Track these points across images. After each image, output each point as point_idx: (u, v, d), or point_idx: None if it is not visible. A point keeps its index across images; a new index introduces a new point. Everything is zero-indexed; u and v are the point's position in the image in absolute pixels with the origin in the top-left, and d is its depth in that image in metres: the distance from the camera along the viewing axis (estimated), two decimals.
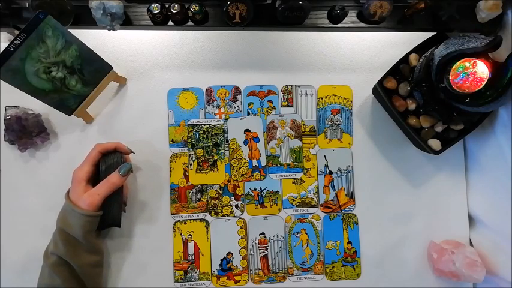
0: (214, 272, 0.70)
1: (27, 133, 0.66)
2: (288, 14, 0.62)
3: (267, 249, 0.71)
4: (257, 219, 0.71)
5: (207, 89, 0.72)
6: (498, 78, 0.55)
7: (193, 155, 0.71)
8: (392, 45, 0.72)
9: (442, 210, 0.73)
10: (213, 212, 0.70)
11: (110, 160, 0.62)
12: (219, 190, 0.71)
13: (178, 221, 0.70)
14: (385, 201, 0.72)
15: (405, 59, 0.66)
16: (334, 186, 0.72)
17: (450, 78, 0.57)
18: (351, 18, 0.66)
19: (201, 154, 0.71)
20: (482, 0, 0.63)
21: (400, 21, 0.67)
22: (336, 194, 0.72)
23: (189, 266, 0.69)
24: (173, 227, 0.70)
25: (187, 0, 0.62)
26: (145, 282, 0.68)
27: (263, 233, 0.71)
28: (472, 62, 0.56)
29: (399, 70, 0.66)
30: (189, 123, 0.71)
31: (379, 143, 0.73)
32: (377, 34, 0.72)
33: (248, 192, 0.71)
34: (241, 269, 0.70)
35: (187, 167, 0.70)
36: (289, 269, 0.71)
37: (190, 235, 0.70)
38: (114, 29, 0.61)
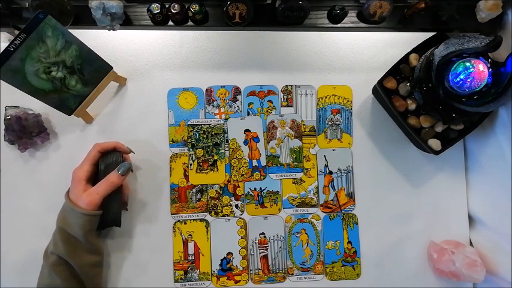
0: (214, 272, 0.70)
1: (27, 133, 0.66)
2: (288, 14, 0.62)
3: (267, 249, 0.71)
4: (257, 219, 0.71)
5: (207, 89, 0.72)
6: (498, 78, 0.55)
7: (193, 155, 0.71)
8: (393, 45, 0.72)
9: (442, 210, 0.73)
10: (213, 212, 0.70)
11: (109, 159, 0.62)
12: (219, 190, 0.71)
13: (178, 221, 0.70)
14: (385, 201, 0.72)
15: (405, 59, 0.66)
16: (334, 186, 0.72)
17: (450, 78, 0.57)
18: (351, 18, 0.66)
19: (201, 154, 0.71)
20: (482, 0, 0.63)
21: (400, 21, 0.67)
22: (336, 194, 0.72)
23: (189, 266, 0.69)
24: (173, 227, 0.70)
25: (187, 0, 0.62)
26: (145, 282, 0.68)
27: (263, 233, 0.71)
28: (472, 62, 0.56)
29: (399, 70, 0.66)
30: (189, 123, 0.71)
31: (379, 143, 0.73)
32: (377, 34, 0.72)
33: (248, 192, 0.71)
34: (241, 269, 0.70)
35: (187, 167, 0.70)
36: (289, 269, 0.71)
37: (190, 235, 0.70)
38: (114, 29, 0.61)
